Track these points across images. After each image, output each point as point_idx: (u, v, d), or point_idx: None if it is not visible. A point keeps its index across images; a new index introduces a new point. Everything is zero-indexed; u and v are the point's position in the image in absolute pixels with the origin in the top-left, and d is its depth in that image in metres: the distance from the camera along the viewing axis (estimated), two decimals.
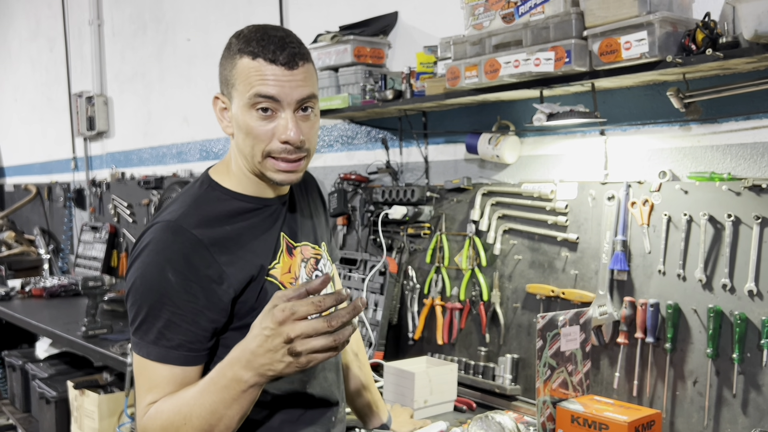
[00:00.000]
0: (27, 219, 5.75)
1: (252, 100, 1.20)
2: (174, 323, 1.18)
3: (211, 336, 1.22)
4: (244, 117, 1.22)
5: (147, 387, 1.19)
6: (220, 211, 1.27)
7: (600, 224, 1.88)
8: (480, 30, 1.87)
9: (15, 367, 3.76)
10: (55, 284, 4.15)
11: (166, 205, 1.31)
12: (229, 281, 1.22)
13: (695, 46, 1.52)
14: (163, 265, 1.18)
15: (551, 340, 1.69)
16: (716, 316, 1.63)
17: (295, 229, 1.38)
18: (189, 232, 1.21)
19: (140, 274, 1.20)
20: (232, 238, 1.25)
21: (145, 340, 1.19)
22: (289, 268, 1.33)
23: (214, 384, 1.11)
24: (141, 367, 1.20)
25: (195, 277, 1.19)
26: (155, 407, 1.17)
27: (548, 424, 1.67)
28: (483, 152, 2.15)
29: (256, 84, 1.20)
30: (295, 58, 1.21)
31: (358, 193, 2.64)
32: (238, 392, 1.10)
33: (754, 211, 1.59)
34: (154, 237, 1.21)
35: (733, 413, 1.62)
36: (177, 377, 1.19)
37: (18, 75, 6.06)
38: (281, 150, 1.23)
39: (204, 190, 1.30)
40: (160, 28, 4.07)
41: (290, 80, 1.20)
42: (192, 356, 1.21)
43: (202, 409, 1.12)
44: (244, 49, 1.22)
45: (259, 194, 1.32)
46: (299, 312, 1.02)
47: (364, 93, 2.38)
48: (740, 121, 1.65)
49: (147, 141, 4.28)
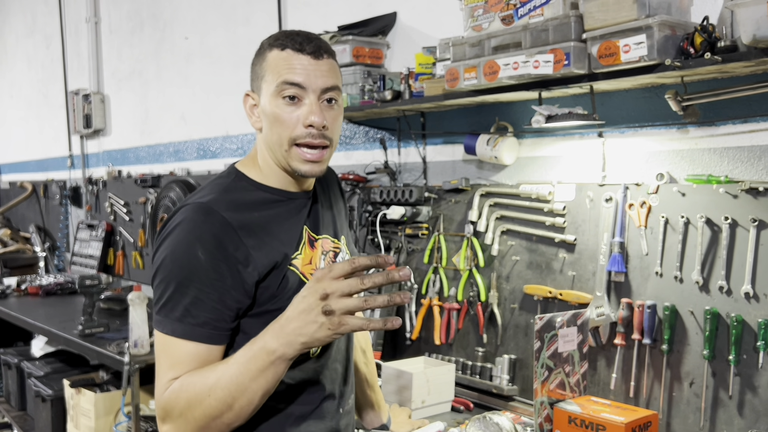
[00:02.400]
0: (23, 216, 5.73)
1: (279, 88, 1.25)
2: (201, 300, 1.20)
3: (235, 317, 1.24)
4: (271, 106, 1.27)
5: (169, 363, 1.20)
6: (248, 200, 1.30)
7: (597, 226, 1.89)
8: (479, 31, 1.88)
9: (11, 365, 3.75)
10: (51, 282, 4.14)
11: (194, 192, 1.35)
12: (255, 264, 1.23)
13: (693, 50, 1.53)
14: (194, 243, 1.20)
15: (549, 341, 1.70)
16: (713, 318, 1.64)
17: (318, 222, 1.40)
18: (219, 214, 1.23)
19: (170, 252, 1.22)
20: (259, 224, 1.28)
21: (170, 317, 1.20)
22: (311, 259, 1.35)
23: (242, 355, 1.14)
24: (164, 344, 1.21)
25: (223, 257, 1.21)
26: (179, 382, 1.18)
27: (545, 425, 1.68)
28: (481, 153, 2.15)
29: (284, 72, 1.25)
30: (320, 50, 1.27)
31: (356, 193, 2.64)
32: (265, 363, 1.11)
33: (751, 213, 1.60)
34: (186, 216, 1.24)
35: (729, 414, 1.63)
36: (201, 354, 1.20)
37: (14, 72, 6.04)
38: (306, 134, 1.26)
39: (232, 180, 1.33)
40: (157, 26, 4.07)
41: (316, 69, 1.25)
42: (216, 334, 1.21)
43: (227, 380, 1.13)
44: (273, 44, 1.28)
45: (285, 187, 1.35)
46: (335, 270, 1.05)
47: (362, 93, 2.38)
48: (738, 124, 1.66)
49: (144, 139, 4.27)
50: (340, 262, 1.07)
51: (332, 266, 1.06)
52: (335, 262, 1.07)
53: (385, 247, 2.46)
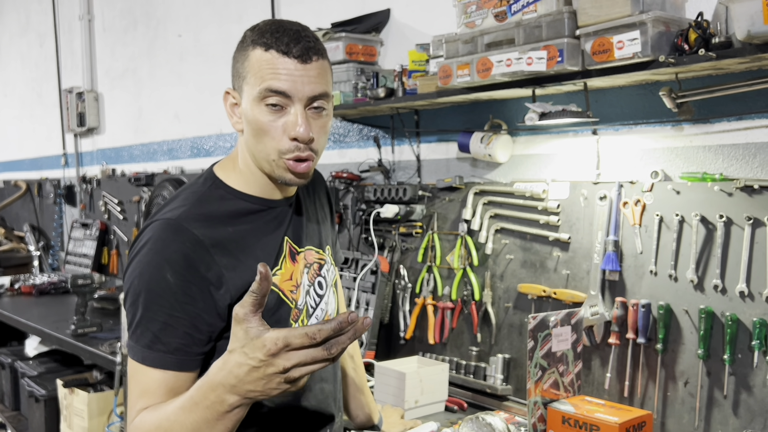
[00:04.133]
0: (17, 215, 5.70)
1: (262, 94, 1.16)
2: (171, 326, 1.14)
3: (207, 340, 1.18)
4: (254, 112, 1.18)
5: (139, 391, 1.14)
6: (223, 211, 1.22)
7: (592, 224, 1.87)
8: (472, 28, 1.86)
9: (4, 365, 3.73)
10: (44, 281, 4.12)
11: (167, 201, 1.26)
12: (227, 286, 1.17)
13: (688, 46, 1.51)
14: (162, 265, 1.13)
15: (542, 340, 1.68)
16: (707, 317, 1.63)
17: (300, 233, 1.33)
18: (190, 231, 1.16)
19: (138, 274, 1.15)
20: (234, 240, 1.20)
21: (140, 344, 1.15)
22: (291, 274, 1.28)
23: (195, 404, 1.05)
24: (134, 371, 1.16)
25: (194, 279, 1.14)
26: (140, 417, 1.13)
27: (539, 425, 1.67)
28: (475, 151, 2.14)
29: (267, 77, 1.15)
30: (309, 52, 1.16)
31: (350, 192, 2.62)
32: (222, 413, 1.03)
33: (746, 211, 1.58)
34: (153, 235, 1.17)
35: (724, 414, 1.61)
36: (169, 382, 1.14)
37: (8, 70, 6.00)
38: (293, 148, 1.18)
39: (207, 188, 1.25)
40: (150, 24, 4.04)
41: (303, 75, 1.16)
42: (187, 360, 1.16)
43: (183, 427, 1.06)
44: (257, 41, 1.17)
45: (265, 195, 1.27)
46: (293, 345, 0.94)
47: (356, 91, 2.36)
48: (732, 121, 1.65)
49: (138, 137, 4.25)
50: (298, 332, 0.93)
51: (288, 338, 0.93)
52: (292, 328, 0.95)
53: (379, 246, 2.44)
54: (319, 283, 1.36)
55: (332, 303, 1.42)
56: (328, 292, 1.39)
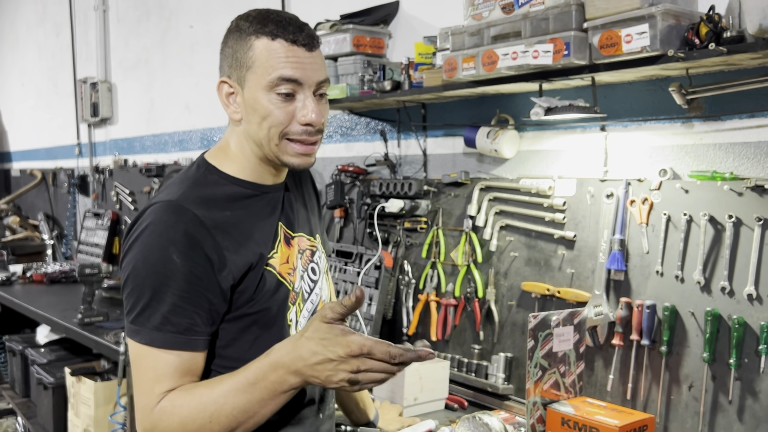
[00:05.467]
0: (32, 204, 5.76)
1: (274, 83, 1.18)
2: (180, 307, 1.13)
3: (211, 321, 1.18)
4: (262, 100, 1.19)
5: (153, 377, 1.13)
6: (219, 195, 1.23)
7: (598, 222, 1.83)
8: (479, 20, 1.82)
9: (15, 352, 3.76)
10: (56, 270, 4.15)
11: (161, 188, 1.26)
12: (230, 268, 1.17)
13: (699, 41, 1.47)
14: (167, 246, 1.13)
15: (543, 340, 1.65)
16: (714, 320, 1.58)
17: (292, 219, 1.34)
18: (191, 211, 1.15)
19: (142, 257, 1.14)
20: (232, 222, 1.21)
21: (147, 326, 1.13)
22: (287, 258, 1.29)
23: (251, 384, 1.09)
24: (142, 355, 1.14)
25: (199, 259, 1.14)
26: (168, 401, 1.11)
27: (538, 426, 1.64)
28: (481, 146, 2.10)
29: (279, 66, 1.17)
30: (313, 40, 1.21)
31: (356, 186, 2.60)
32: (279, 393, 1.09)
33: (756, 212, 1.53)
34: (156, 218, 1.15)
35: (729, 420, 1.57)
36: (185, 364, 1.14)
37: (25, 60, 6.05)
38: (301, 132, 1.21)
39: (201, 173, 1.25)
40: (163, 15, 4.04)
41: (311, 62, 1.19)
42: (199, 340, 1.15)
43: (234, 408, 1.09)
44: (260, 30, 1.19)
45: (258, 180, 1.28)
46: (375, 355, 1.03)
47: (362, 83, 2.34)
48: (744, 118, 1.60)
49: (149, 128, 4.26)
50: (382, 347, 1.03)
51: (372, 349, 1.03)
52: (378, 340, 1.04)
53: (383, 241, 2.42)
54: (312, 269, 1.37)
55: (326, 290, 1.42)
56: (322, 278, 1.40)
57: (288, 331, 1.28)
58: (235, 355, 1.21)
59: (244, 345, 1.22)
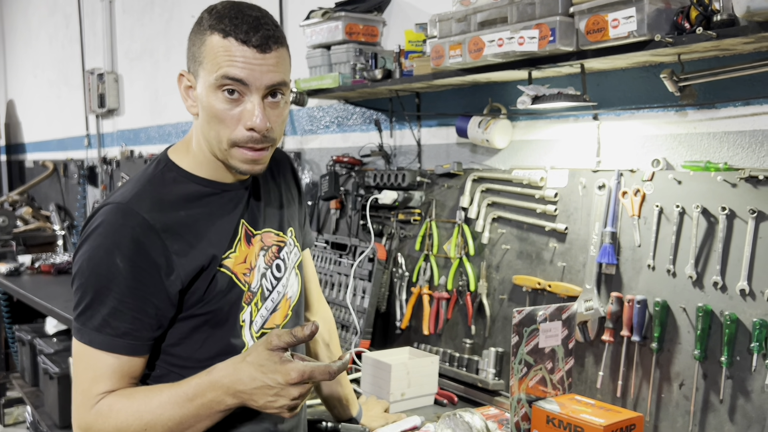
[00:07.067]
0: (45, 195, 5.82)
1: (218, 81, 1.14)
2: (120, 311, 1.14)
3: (158, 326, 1.18)
4: (209, 98, 1.16)
5: (91, 377, 1.14)
6: (175, 195, 1.21)
7: (589, 214, 1.77)
8: (467, 6, 1.77)
9: (24, 341, 3.81)
10: (63, 261, 4.18)
11: (121, 185, 1.26)
12: (178, 272, 1.16)
13: (689, 25, 1.40)
14: (112, 250, 1.13)
15: (528, 336, 1.60)
16: (705, 316, 1.52)
17: (257, 215, 1.31)
18: (140, 215, 1.15)
19: (87, 258, 1.15)
20: (186, 224, 1.19)
21: (88, 326, 1.15)
22: (245, 257, 1.27)
23: (189, 400, 1.11)
24: (83, 354, 1.16)
25: (144, 264, 1.14)
26: (106, 404, 1.13)
27: (522, 424, 1.59)
28: (473, 136, 2.05)
29: (224, 65, 1.13)
30: (268, 41, 1.15)
31: (351, 177, 2.56)
32: (215, 411, 1.11)
33: (750, 204, 1.47)
34: (105, 219, 1.16)
35: (720, 420, 1.51)
36: (123, 367, 1.15)
37: (37, 52, 6.09)
38: (247, 138, 1.17)
39: (160, 171, 1.24)
40: (166, 5, 4.02)
41: (261, 64, 1.14)
42: (138, 345, 1.16)
43: (170, 420, 1.11)
44: (215, 26, 1.15)
45: (219, 178, 1.26)
46: (316, 378, 1.07)
47: (354, 72, 2.29)
48: (739, 106, 1.53)
49: (154, 119, 4.25)
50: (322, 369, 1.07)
51: (314, 371, 1.06)
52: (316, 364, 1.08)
53: (377, 233, 2.38)
54: (277, 265, 1.34)
55: (294, 286, 1.39)
56: (288, 274, 1.37)
57: (240, 331, 1.26)
58: (184, 354, 1.21)
59: (194, 344, 1.21)
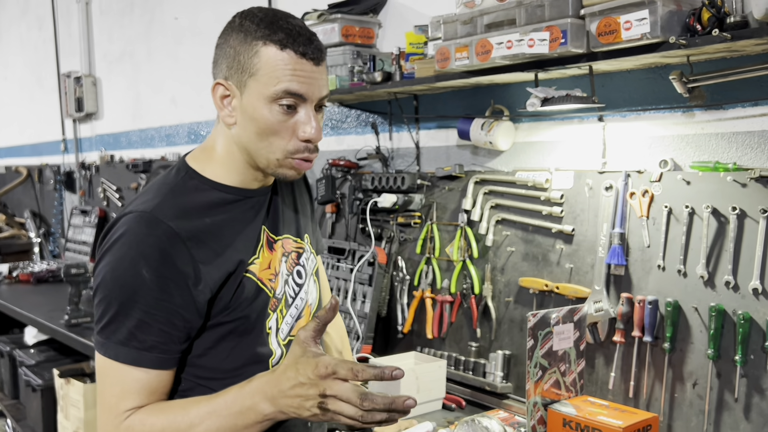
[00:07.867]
0: (19, 202, 5.66)
1: (278, 95, 1.12)
2: (147, 323, 1.10)
3: (185, 338, 1.14)
4: (262, 110, 1.14)
5: (119, 392, 1.10)
6: (199, 202, 1.18)
7: (597, 215, 1.78)
8: (472, 8, 1.76)
9: (3, 353, 3.69)
10: (43, 269, 4.07)
11: (139, 193, 1.22)
12: (206, 281, 1.13)
13: (701, 27, 1.41)
14: (137, 260, 1.09)
15: (543, 338, 1.60)
16: (718, 315, 1.54)
17: (277, 221, 1.29)
18: (165, 223, 1.11)
19: (111, 269, 1.11)
20: (211, 231, 1.16)
21: (112, 340, 1.10)
22: (269, 263, 1.25)
23: (227, 408, 1.07)
24: (108, 369, 1.11)
25: (171, 274, 1.10)
26: (138, 418, 1.09)
27: (539, 428, 1.59)
28: (475, 138, 2.04)
29: (285, 79, 1.12)
30: (322, 54, 1.16)
31: (348, 180, 2.53)
32: (252, 422, 1.07)
33: (761, 204, 1.48)
34: (129, 228, 1.11)
35: (735, 418, 1.53)
36: (151, 381, 1.11)
37: (8, 54, 5.93)
38: (303, 149, 1.17)
39: (181, 178, 1.20)
40: (147, 7, 3.94)
41: (319, 78, 1.16)
42: (166, 359, 1.12)
43: (207, 431, 1.07)
44: (270, 37, 1.12)
45: (243, 185, 1.23)
46: (339, 373, 1.01)
47: (351, 75, 2.27)
48: (748, 107, 1.55)
49: (135, 123, 4.17)
50: (346, 364, 1.01)
51: (336, 366, 1.01)
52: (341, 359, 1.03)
53: (376, 236, 2.36)
54: (297, 272, 1.32)
55: (313, 293, 1.37)
56: (308, 281, 1.35)
57: (267, 339, 1.23)
58: (210, 365, 1.18)
59: (221, 354, 1.19)
